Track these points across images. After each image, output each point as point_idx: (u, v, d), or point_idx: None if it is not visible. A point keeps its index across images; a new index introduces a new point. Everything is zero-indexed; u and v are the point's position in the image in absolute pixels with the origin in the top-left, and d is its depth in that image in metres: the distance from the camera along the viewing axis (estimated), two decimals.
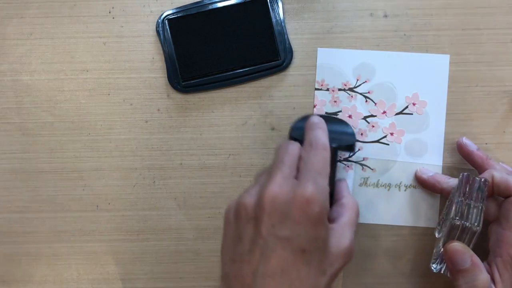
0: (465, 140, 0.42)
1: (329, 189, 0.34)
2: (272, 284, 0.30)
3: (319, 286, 0.31)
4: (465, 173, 0.37)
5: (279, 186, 0.32)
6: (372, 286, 0.45)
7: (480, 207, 0.36)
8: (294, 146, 0.36)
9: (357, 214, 0.37)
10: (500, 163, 0.42)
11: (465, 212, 0.37)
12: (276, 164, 0.35)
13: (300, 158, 0.35)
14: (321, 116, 0.40)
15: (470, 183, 0.37)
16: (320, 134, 0.37)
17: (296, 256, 0.30)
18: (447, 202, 0.40)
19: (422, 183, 0.43)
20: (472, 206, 0.37)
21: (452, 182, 0.41)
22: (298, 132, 0.39)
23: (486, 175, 0.38)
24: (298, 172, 0.35)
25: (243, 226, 0.33)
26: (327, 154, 0.35)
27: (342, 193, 0.39)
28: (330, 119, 0.42)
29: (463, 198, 0.37)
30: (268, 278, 0.30)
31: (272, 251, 0.30)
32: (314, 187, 0.32)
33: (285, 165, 0.34)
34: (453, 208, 0.37)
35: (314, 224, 0.31)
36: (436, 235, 0.41)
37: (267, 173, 0.35)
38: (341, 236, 0.34)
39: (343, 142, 0.39)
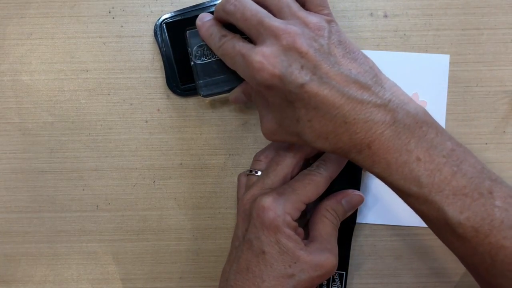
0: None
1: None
2: (240, 279, 0.35)
3: (284, 287, 0.34)
4: None
5: (251, 195, 0.37)
6: (372, 286, 0.45)
7: None
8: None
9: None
10: None
11: None
12: (264, 171, 0.38)
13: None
14: None
15: None
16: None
17: (258, 257, 0.35)
18: None
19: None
20: None
21: None
22: None
23: None
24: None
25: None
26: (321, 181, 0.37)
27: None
28: None
29: None
30: (238, 274, 0.35)
31: (241, 251, 0.36)
32: (273, 199, 0.35)
33: (269, 176, 0.37)
34: None
35: (271, 229, 0.34)
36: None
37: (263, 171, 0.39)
38: (321, 247, 0.36)
39: None
